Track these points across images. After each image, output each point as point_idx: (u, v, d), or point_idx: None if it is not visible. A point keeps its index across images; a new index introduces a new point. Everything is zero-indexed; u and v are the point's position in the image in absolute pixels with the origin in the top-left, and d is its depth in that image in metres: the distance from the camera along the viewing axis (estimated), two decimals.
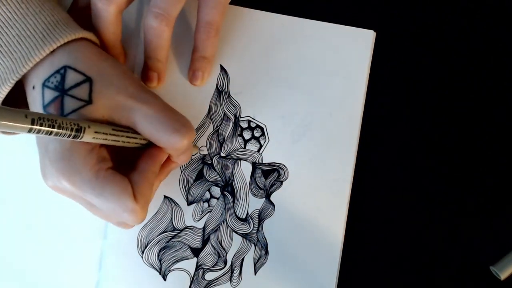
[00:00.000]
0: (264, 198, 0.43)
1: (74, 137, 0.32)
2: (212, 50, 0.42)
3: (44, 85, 0.35)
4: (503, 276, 0.42)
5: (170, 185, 0.42)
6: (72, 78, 0.35)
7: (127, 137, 0.36)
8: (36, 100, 0.35)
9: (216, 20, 0.40)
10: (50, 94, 0.34)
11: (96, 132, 0.33)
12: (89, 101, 0.34)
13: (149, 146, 0.37)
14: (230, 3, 0.42)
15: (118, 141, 0.35)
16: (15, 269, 0.42)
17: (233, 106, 0.43)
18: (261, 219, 0.43)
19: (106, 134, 0.34)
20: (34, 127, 0.29)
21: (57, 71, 0.35)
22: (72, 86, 0.34)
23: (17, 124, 0.28)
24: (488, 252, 0.43)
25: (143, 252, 0.42)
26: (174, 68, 0.43)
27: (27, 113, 0.29)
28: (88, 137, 0.33)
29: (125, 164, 0.37)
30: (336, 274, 0.42)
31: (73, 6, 0.42)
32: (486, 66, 0.45)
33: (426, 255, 0.43)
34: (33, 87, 0.35)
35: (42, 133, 0.30)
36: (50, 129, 0.30)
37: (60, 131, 0.30)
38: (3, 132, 0.38)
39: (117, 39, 0.40)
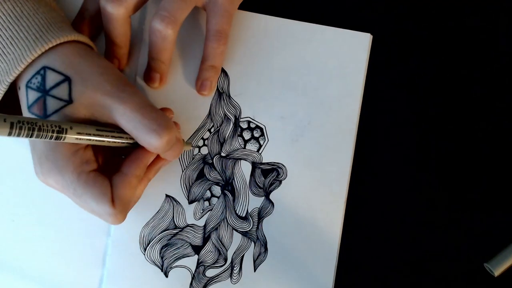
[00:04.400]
0: (263, 197, 0.43)
1: (57, 138, 0.31)
2: (221, 59, 0.42)
3: (27, 86, 0.35)
4: (496, 272, 0.43)
5: (172, 184, 0.43)
6: (52, 78, 0.34)
7: (112, 136, 0.35)
8: (22, 101, 0.35)
9: (225, 29, 0.41)
10: (33, 95, 0.34)
11: (79, 133, 0.33)
12: (69, 101, 0.34)
13: (137, 146, 0.37)
14: None
15: (103, 141, 0.35)
16: (19, 266, 0.43)
17: (233, 107, 0.44)
18: (260, 217, 0.43)
19: (90, 134, 0.34)
20: (14, 130, 0.29)
21: (38, 72, 0.34)
22: (52, 86, 0.34)
23: None
24: (482, 249, 0.43)
25: (145, 250, 0.43)
26: (176, 70, 0.44)
27: (6, 117, 0.29)
28: (71, 138, 0.32)
29: (115, 163, 0.37)
30: (334, 270, 0.43)
31: (82, 10, 0.42)
32: (486, 68, 0.45)
33: (421, 253, 0.44)
34: (19, 88, 0.35)
35: (23, 136, 0.29)
36: (30, 132, 0.30)
37: (41, 133, 0.30)
38: None
39: (126, 41, 0.41)
